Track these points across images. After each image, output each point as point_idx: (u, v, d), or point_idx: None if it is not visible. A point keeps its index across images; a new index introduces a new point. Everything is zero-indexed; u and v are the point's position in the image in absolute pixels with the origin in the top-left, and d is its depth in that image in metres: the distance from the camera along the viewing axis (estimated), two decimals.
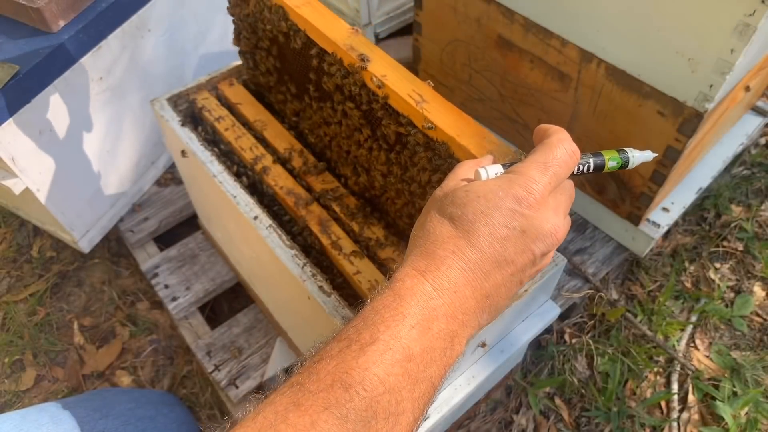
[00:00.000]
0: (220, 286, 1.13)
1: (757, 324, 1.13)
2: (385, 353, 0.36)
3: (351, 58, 0.66)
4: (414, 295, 0.39)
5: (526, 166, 0.43)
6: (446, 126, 0.59)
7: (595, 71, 0.92)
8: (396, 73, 0.64)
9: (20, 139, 0.91)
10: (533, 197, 0.41)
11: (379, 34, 1.47)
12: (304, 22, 0.71)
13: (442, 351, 0.39)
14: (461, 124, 0.59)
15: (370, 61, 0.65)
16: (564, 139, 0.45)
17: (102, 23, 0.97)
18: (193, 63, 1.22)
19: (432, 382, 0.38)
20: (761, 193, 1.31)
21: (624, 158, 0.49)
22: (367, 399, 0.35)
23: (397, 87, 0.62)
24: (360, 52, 0.66)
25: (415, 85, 0.63)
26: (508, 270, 0.41)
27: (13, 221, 1.38)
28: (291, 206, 0.78)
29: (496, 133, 1.23)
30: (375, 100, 0.66)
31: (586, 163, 0.47)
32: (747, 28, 0.71)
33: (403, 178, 0.69)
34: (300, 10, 0.72)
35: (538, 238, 0.41)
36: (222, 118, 0.88)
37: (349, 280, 0.71)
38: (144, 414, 0.81)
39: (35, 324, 1.21)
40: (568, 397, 1.05)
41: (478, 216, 0.40)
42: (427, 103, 0.61)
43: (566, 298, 1.07)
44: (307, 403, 0.34)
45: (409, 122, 0.63)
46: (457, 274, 0.40)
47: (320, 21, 0.70)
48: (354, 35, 0.68)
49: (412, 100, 0.61)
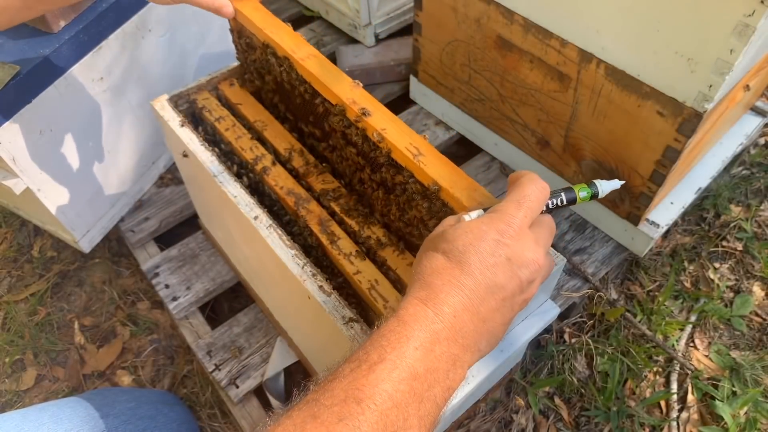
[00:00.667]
0: (221, 286, 1.13)
1: (757, 324, 1.14)
2: (392, 371, 0.40)
3: (354, 112, 0.71)
4: (417, 320, 0.43)
5: (504, 205, 0.49)
6: (440, 178, 0.64)
7: (595, 71, 0.93)
8: (395, 127, 0.69)
9: (21, 140, 0.92)
10: (513, 229, 0.47)
11: (379, 34, 1.48)
12: (309, 75, 0.76)
13: (445, 372, 0.42)
14: (454, 176, 0.64)
15: (371, 115, 0.70)
16: (533, 178, 0.51)
17: (102, 24, 0.97)
18: (193, 63, 1.22)
19: (436, 403, 0.42)
20: (760, 193, 1.31)
21: (593, 190, 0.54)
22: (378, 412, 0.38)
23: (396, 141, 0.68)
24: (362, 106, 0.71)
25: (412, 138, 0.68)
26: (500, 295, 0.45)
27: (14, 221, 1.38)
28: (291, 206, 0.78)
29: (496, 133, 1.23)
30: (377, 151, 0.71)
31: (558, 196, 0.53)
32: (746, 29, 0.71)
33: (402, 219, 0.73)
34: (305, 63, 0.76)
35: (522, 264, 0.46)
36: (222, 118, 0.88)
37: (350, 280, 0.72)
38: (144, 413, 0.81)
39: (36, 324, 1.21)
40: (568, 396, 1.06)
41: (467, 247, 0.45)
42: (424, 156, 0.66)
43: (566, 297, 1.07)
44: (323, 416, 0.38)
45: (410, 174, 0.68)
46: (455, 300, 0.44)
47: (325, 75, 0.74)
48: (356, 88, 0.73)
49: (410, 154, 0.66)
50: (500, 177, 1.25)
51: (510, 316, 0.47)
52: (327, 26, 1.58)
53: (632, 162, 0.97)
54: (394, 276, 0.72)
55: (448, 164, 0.66)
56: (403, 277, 0.71)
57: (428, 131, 1.35)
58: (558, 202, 0.53)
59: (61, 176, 1.02)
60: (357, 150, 0.75)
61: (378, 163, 0.72)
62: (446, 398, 0.43)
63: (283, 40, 0.79)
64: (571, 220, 1.17)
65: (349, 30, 1.51)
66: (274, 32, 0.80)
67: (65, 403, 0.78)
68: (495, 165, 1.28)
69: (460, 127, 1.33)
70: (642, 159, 0.95)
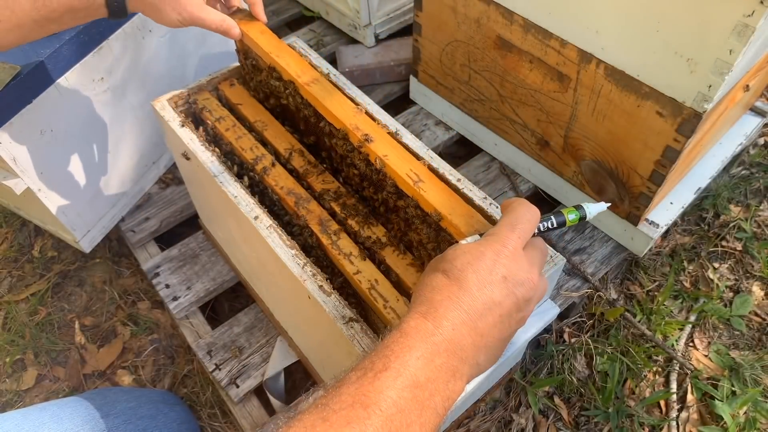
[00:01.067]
0: (221, 286, 1.13)
1: (756, 323, 1.14)
2: (396, 379, 0.42)
3: (356, 138, 0.74)
4: (418, 332, 0.45)
5: (498, 228, 0.52)
6: (440, 205, 0.67)
7: (594, 72, 0.93)
8: (396, 153, 0.72)
9: (21, 140, 0.92)
10: (508, 250, 0.49)
11: (379, 34, 1.48)
12: (314, 100, 0.79)
13: (445, 383, 0.44)
14: (453, 203, 0.67)
15: (374, 141, 0.73)
16: (524, 202, 0.54)
17: (103, 24, 0.97)
18: (194, 64, 1.22)
19: (437, 412, 0.44)
20: (760, 193, 1.31)
21: (582, 213, 0.57)
22: (383, 417, 0.40)
23: (397, 167, 0.70)
24: (365, 132, 0.74)
25: (413, 165, 0.71)
26: (497, 311, 0.48)
27: (15, 221, 1.38)
28: (291, 206, 0.78)
29: (496, 133, 1.23)
30: (380, 174, 0.73)
31: (549, 219, 0.56)
32: (746, 29, 0.71)
33: (402, 240, 0.76)
34: (310, 88, 0.79)
35: (517, 283, 0.49)
36: (223, 118, 0.88)
37: (350, 279, 0.72)
38: (145, 413, 0.81)
39: (36, 324, 1.22)
40: (568, 396, 1.06)
41: (465, 266, 0.48)
42: (424, 182, 0.69)
43: (565, 297, 1.08)
44: (332, 419, 0.40)
45: (412, 201, 0.70)
46: (453, 314, 0.46)
47: (328, 100, 0.77)
48: (359, 114, 0.76)
49: (410, 180, 0.69)
50: (500, 177, 1.25)
51: (508, 333, 0.50)
52: (327, 26, 1.59)
53: (632, 162, 0.97)
54: (395, 276, 0.72)
55: (447, 191, 0.69)
56: (404, 278, 0.71)
57: (428, 131, 1.35)
58: (548, 224, 0.56)
59: (61, 176, 1.02)
60: (359, 172, 0.78)
61: (381, 186, 0.75)
62: (446, 408, 0.45)
63: (288, 65, 0.81)
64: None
65: (349, 30, 1.51)
66: (280, 56, 0.82)
67: (66, 402, 0.78)
68: (495, 165, 1.28)
69: (459, 127, 1.33)
70: (641, 159, 0.95)
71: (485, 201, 0.71)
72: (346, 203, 0.79)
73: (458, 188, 0.72)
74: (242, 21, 0.84)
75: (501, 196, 1.23)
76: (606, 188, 1.07)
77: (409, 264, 0.73)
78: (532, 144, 1.16)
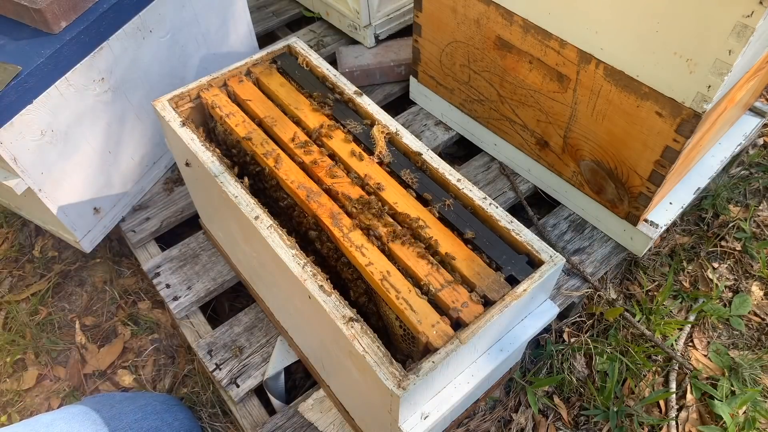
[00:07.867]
0: (221, 286, 1.14)
1: (755, 323, 1.14)
2: None
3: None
4: None
5: None
6: (442, 248, 0.72)
7: (594, 72, 0.93)
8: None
9: (22, 140, 0.92)
10: None
11: (379, 35, 1.48)
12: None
13: None
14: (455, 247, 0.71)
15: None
16: None
17: (103, 24, 0.97)
18: (194, 64, 1.22)
19: None
20: (759, 194, 1.31)
21: None
22: None
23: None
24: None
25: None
26: None
27: (15, 221, 1.38)
28: (303, 199, 0.78)
29: (496, 133, 1.23)
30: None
31: None
32: (745, 29, 0.71)
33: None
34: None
35: None
36: (233, 114, 0.88)
37: (362, 271, 0.72)
38: (150, 425, 0.84)
39: (37, 323, 1.22)
40: (567, 395, 1.06)
41: None
42: (429, 228, 0.74)
43: (565, 297, 1.08)
44: None
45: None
46: None
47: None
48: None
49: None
50: (499, 177, 1.26)
51: None
52: (327, 27, 1.59)
53: (631, 162, 0.98)
54: (404, 266, 0.72)
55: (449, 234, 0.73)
56: (414, 268, 0.71)
57: (428, 131, 1.35)
58: None
59: (62, 176, 1.02)
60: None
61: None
62: None
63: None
64: (570, 220, 1.18)
65: (350, 31, 1.51)
66: None
67: (72, 416, 0.79)
68: (494, 165, 1.28)
69: (459, 127, 1.33)
70: (641, 159, 0.96)
71: (485, 201, 0.72)
72: (351, 196, 0.79)
73: (458, 188, 0.72)
74: None
75: (501, 196, 1.23)
76: (606, 188, 1.07)
77: (418, 255, 0.73)
78: (532, 144, 1.16)
